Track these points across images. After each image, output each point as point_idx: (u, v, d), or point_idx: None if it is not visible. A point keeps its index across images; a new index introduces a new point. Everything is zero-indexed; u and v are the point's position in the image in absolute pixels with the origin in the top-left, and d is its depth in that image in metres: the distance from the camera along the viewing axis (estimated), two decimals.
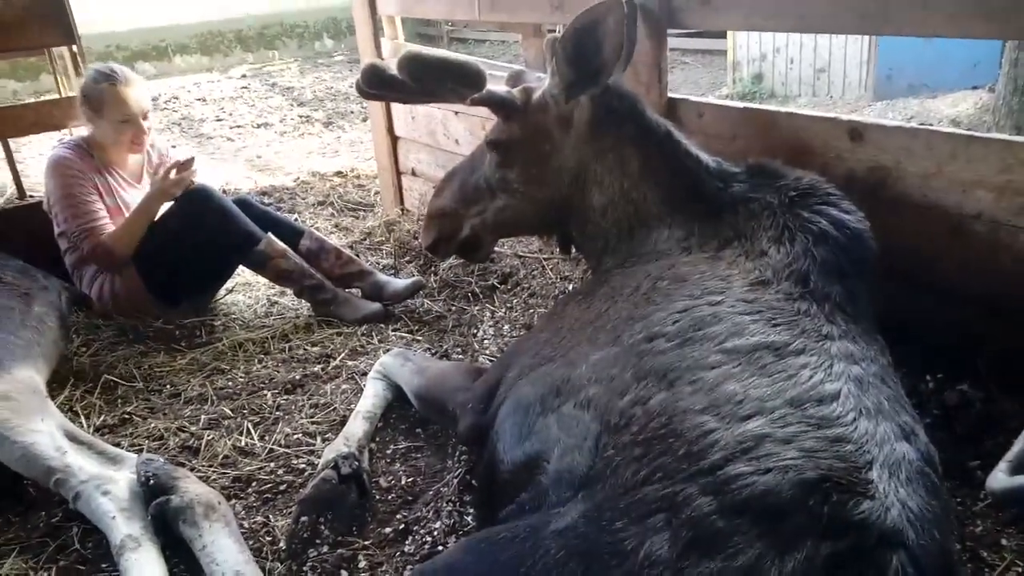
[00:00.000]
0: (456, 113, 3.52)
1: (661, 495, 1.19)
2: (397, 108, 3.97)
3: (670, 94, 2.55)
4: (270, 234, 2.99)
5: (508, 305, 2.96)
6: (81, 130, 3.12)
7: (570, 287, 2.88)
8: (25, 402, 2.09)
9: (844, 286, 1.63)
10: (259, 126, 8.11)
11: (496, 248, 3.25)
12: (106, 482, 1.93)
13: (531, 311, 2.86)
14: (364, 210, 4.71)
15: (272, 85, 10.25)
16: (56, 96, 3.47)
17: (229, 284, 3.33)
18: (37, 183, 3.52)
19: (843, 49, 8.30)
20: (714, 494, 1.15)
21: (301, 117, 8.38)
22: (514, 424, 1.65)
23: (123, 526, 1.81)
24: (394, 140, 4.10)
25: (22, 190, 3.40)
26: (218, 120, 8.43)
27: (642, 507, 1.19)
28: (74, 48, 3.29)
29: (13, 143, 3.46)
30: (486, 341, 2.72)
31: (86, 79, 2.91)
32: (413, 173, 4.06)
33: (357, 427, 2.17)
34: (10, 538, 1.93)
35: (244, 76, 11.07)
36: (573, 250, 2.35)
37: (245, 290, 3.40)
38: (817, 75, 8.65)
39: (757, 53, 9.14)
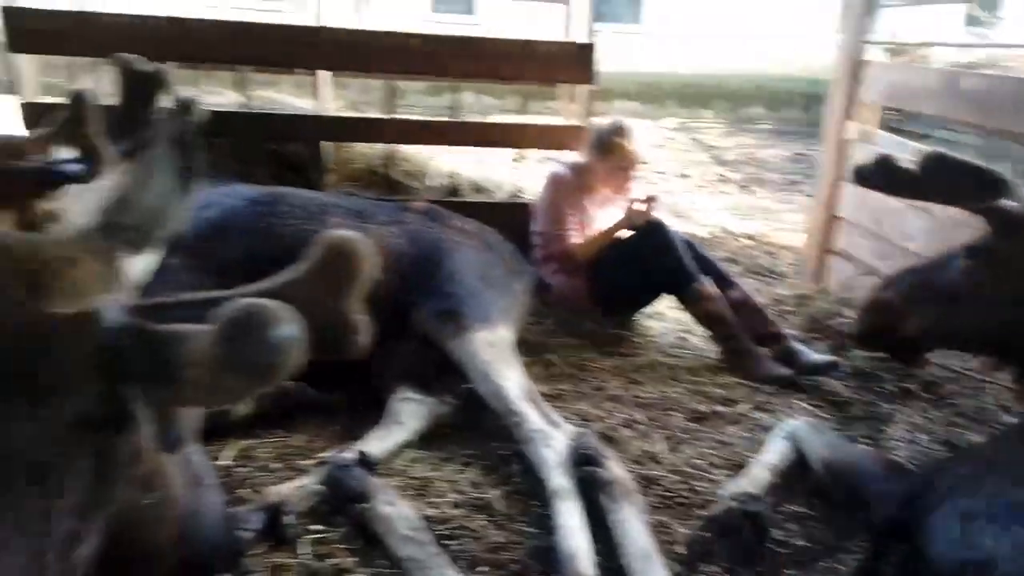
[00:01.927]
0: (917, 209, 3.43)
1: None
2: (848, 190, 3.99)
3: None
4: (707, 277, 3.27)
5: (927, 415, 2.81)
6: (575, 154, 3.76)
7: (1012, 420, 2.64)
8: (505, 352, 2.62)
9: None
10: (679, 176, 8.66)
11: None
12: (549, 438, 2.32)
13: (956, 430, 2.68)
14: (772, 278, 4.78)
15: (696, 141, 10.82)
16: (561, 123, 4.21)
17: (648, 309, 3.70)
18: (527, 187, 4.31)
19: None
20: None
21: (719, 176, 8.73)
22: (951, 530, 1.64)
23: (558, 477, 2.17)
24: (832, 219, 4.12)
25: (518, 190, 4.20)
26: (643, 163, 9.18)
27: None
28: (590, 88, 3.97)
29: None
30: (898, 444, 2.62)
31: (604, 126, 3.54)
32: (843, 255, 4.04)
33: (760, 474, 2.29)
34: (472, 454, 2.44)
35: (672, 128, 11.86)
36: None
37: (658, 317, 3.74)
38: None
39: None
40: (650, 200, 3.39)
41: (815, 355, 3.14)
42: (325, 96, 3.69)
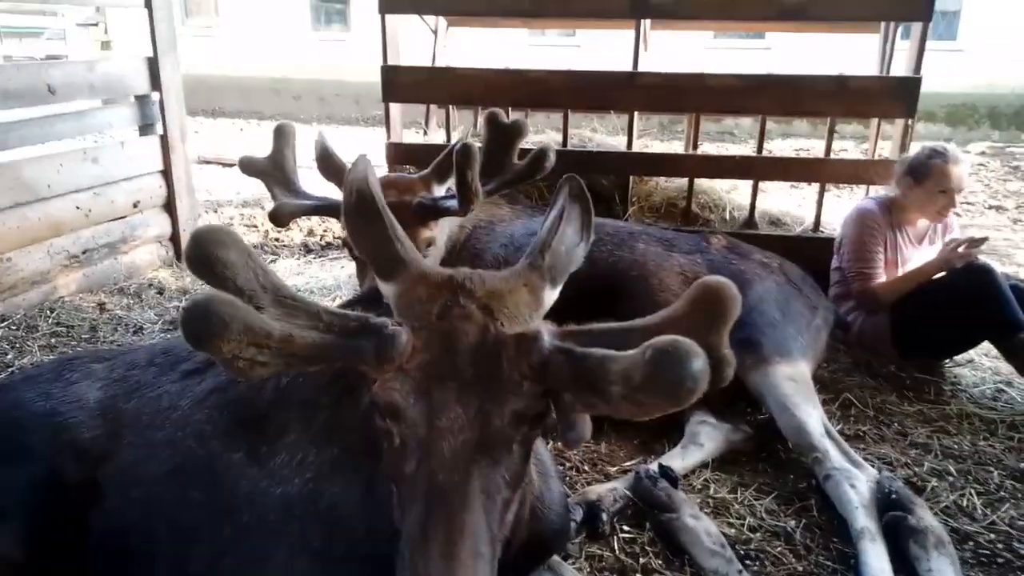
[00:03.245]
0: None
1: None
2: None
3: None
4: None
5: None
6: (883, 190, 3.63)
7: None
8: (804, 388, 2.67)
9: None
10: (991, 208, 7.75)
11: None
12: (852, 477, 2.34)
13: None
14: None
15: (1014, 168, 9.57)
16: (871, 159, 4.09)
17: (960, 357, 3.46)
18: (827, 221, 4.25)
19: None
20: None
21: None
22: None
23: (863, 518, 2.19)
24: None
25: (818, 224, 4.15)
26: (965, 188, 8.32)
27: None
28: (909, 121, 3.82)
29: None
30: None
31: (919, 152, 3.39)
32: None
33: None
34: (767, 482, 2.54)
35: (983, 153, 10.59)
36: None
37: (971, 366, 3.48)
38: None
39: None
40: (973, 243, 3.19)
41: None
42: (633, 132, 3.96)
